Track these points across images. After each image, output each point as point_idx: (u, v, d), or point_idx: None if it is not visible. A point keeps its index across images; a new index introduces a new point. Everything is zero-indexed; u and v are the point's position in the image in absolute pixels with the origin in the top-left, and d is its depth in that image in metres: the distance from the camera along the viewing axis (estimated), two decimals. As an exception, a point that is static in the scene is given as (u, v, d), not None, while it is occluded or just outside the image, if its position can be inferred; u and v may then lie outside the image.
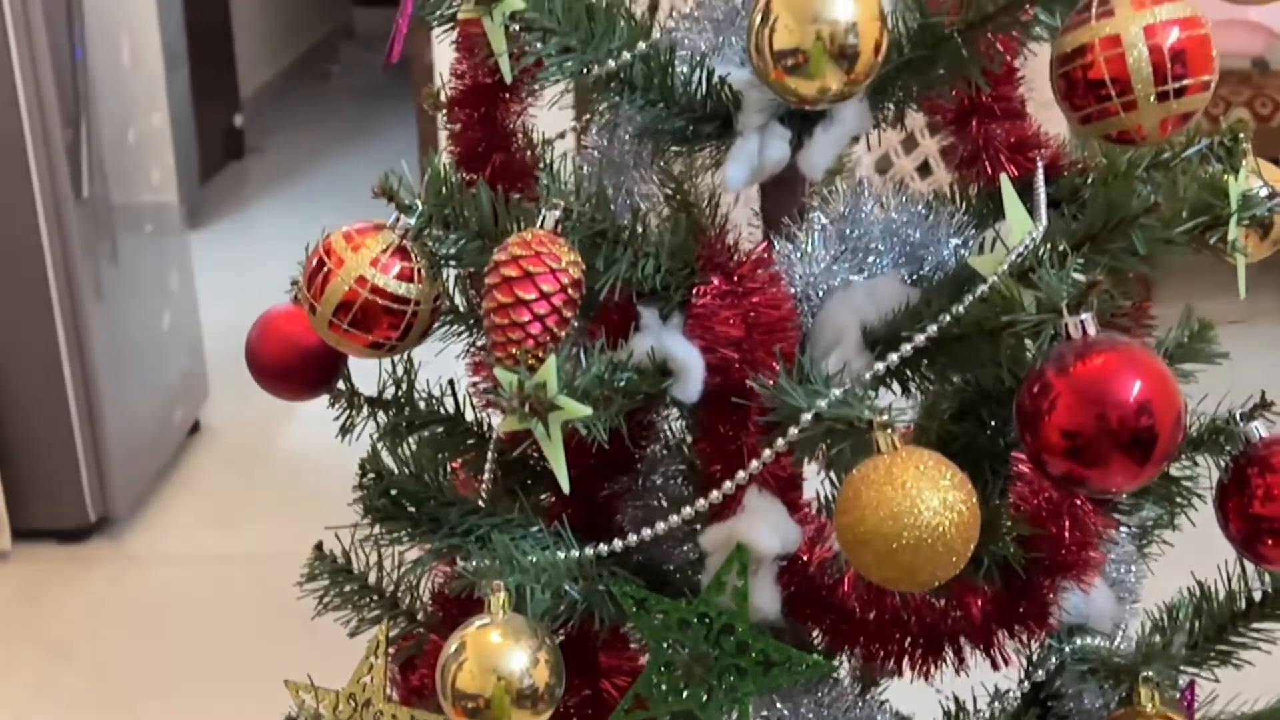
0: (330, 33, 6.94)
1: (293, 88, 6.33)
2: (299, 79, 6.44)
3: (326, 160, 5.40)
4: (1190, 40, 0.88)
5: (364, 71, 6.41)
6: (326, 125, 5.85)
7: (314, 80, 6.51)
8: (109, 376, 3.14)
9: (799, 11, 0.87)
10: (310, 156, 5.46)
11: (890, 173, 2.92)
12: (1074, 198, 1.12)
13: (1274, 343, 3.39)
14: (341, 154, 5.44)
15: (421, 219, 1.01)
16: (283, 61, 6.32)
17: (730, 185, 1.06)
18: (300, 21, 6.61)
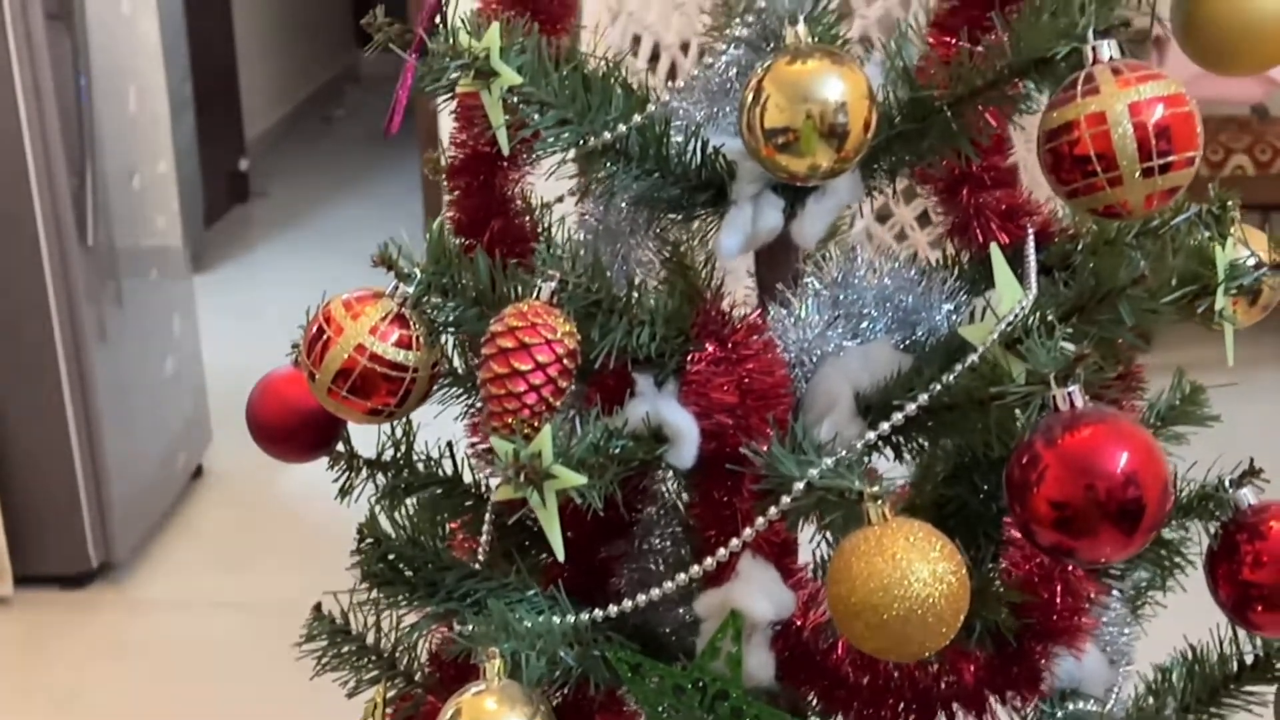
0: (335, 77, 7.00)
1: (297, 131, 6.37)
2: (304, 123, 6.48)
3: (331, 203, 5.43)
4: (1174, 117, 0.90)
5: (368, 115, 6.46)
6: (331, 169, 5.88)
7: (319, 124, 6.56)
8: (112, 421, 3.15)
9: (790, 91, 0.88)
10: (314, 200, 5.50)
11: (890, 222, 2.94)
12: (1065, 264, 1.14)
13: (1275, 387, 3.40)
14: (345, 197, 5.47)
15: (420, 287, 1.03)
16: (288, 105, 6.36)
17: (724, 254, 1.07)
18: (305, 65, 6.66)
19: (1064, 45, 0.92)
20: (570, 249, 1.04)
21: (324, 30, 7.03)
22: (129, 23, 3.28)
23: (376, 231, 4.67)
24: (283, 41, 6.33)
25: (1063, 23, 0.93)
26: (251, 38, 5.73)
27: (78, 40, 2.98)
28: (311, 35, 6.81)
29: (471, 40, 0.97)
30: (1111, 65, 0.92)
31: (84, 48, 3.00)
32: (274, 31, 6.20)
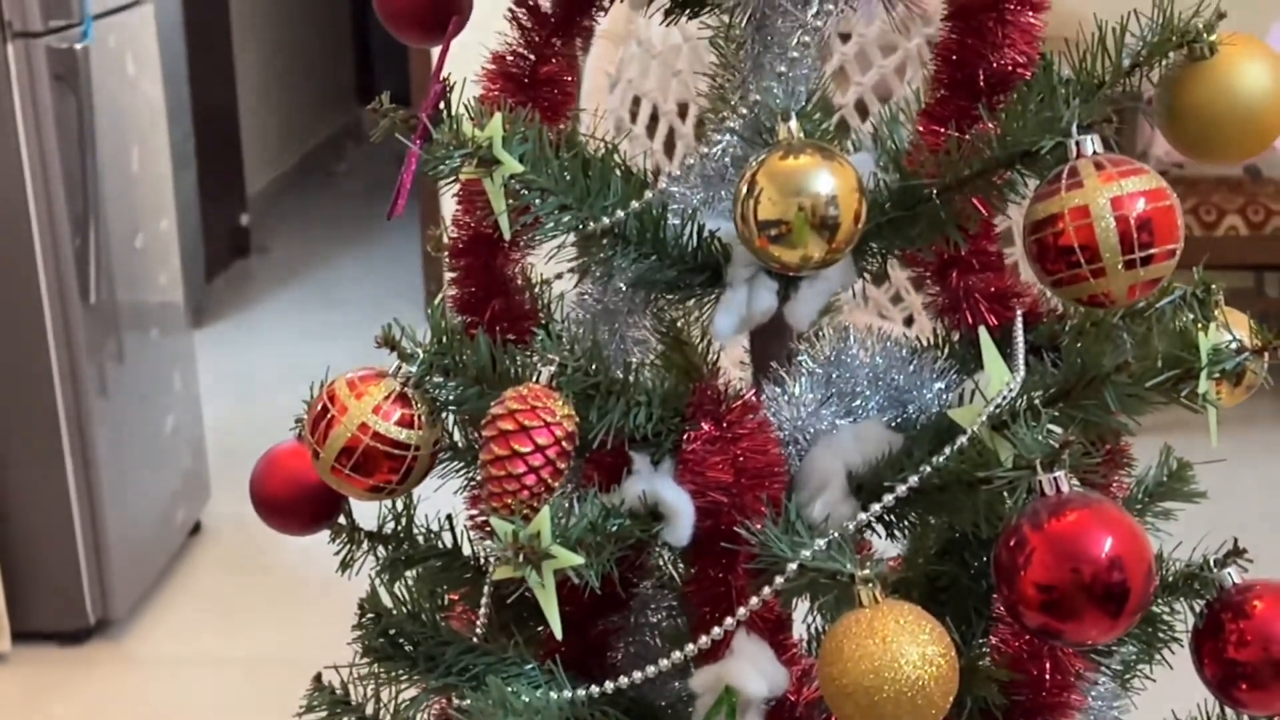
0: (337, 133, 7.05)
1: (299, 187, 6.42)
2: (305, 178, 6.53)
3: (331, 259, 5.47)
4: (1156, 211, 0.93)
5: (370, 171, 6.51)
6: (332, 224, 5.93)
7: (320, 179, 6.61)
8: (111, 477, 3.17)
9: (782, 185, 0.91)
10: (315, 255, 5.53)
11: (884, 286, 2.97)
12: (1053, 344, 1.16)
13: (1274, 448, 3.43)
14: (346, 252, 5.51)
15: (422, 367, 1.05)
16: (289, 161, 6.42)
17: (719, 335, 1.10)
18: (307, 121, 6.72)
19: (1049, 139, 0.95)
20: (569, 332, 1.07)
21: (326, 86, 7.10)
22: (133, 83, 3.32)
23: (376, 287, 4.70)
24: (285, 98, 6.39)
25: (1047, 117, 0.96)
26: (254, 94, 5.79)
27: (83, 101, 3.02)
28: (313, 91, 6.88)
29: (475, 130, 1.00)
30: (1095, 159, 0.95)
31: (89, 108, 3.04)
32: (276, 88, 6.26)
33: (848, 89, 2.61)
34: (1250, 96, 1.05)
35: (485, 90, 1.16)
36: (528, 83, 1.14)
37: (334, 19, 7.30)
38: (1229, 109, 1.05)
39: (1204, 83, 1.05)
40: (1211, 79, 1.05)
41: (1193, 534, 1.18)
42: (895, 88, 2.62)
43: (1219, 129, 1.05)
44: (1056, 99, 0.96)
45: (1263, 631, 1.04)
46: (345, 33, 7.42)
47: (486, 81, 1.16)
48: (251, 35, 5.82)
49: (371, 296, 5.02)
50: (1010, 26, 1.08)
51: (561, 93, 1.15)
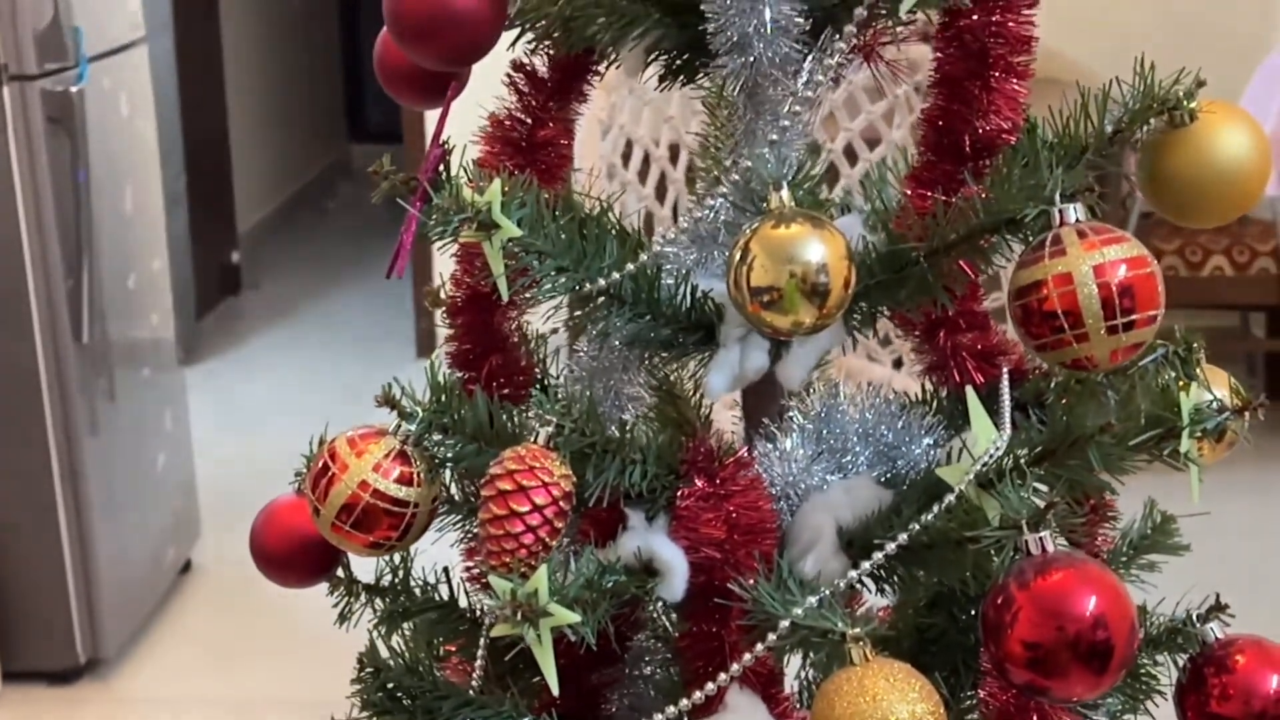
0: (327, 169, 7.08)
1: (290, 223, 6.44)
2: (296, 215, 6.55)
3: (321, 295, 5.49)
4: (1137, 278, 0.96)
5: (360, 207, 6.53)
6: (322, 261, 5.94)
7: (311, 216, 6.63)
8: (102, 516, 3.17)
9: (774, 252, 0.94)
10: (305, 292, 5.55)
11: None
12: (1039, 401, 1.19)
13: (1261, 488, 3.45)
14: (337, 289, 5.53)
15: (421, 425, 1.08)
16: (280, 197, 6.44)
17: (712, 393, 1.12)
18: (298, 158, 6.75)
19: (1032, 207, 0.98)
20: (566, 390, 1.09)
21: (317, 123, 7.13)
22: (127, 123, 3.35)
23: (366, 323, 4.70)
24: (276, 135, 6.42)
25: (1031, 185, 0.99)
26: (246, 132, 5.82)
27: (77, 143, 3.04)
28: (305, 128, 6.91)
29: (474, 194, 1.02)
30: (1077, 227, 0.98)
31: (83, 150, 3.06)
32: (268, 125, 6.29)
33: (836, 134, 2.65)
34: (1230, 162, 1.08)
35: (484, 153, 1.18)
36: (525, 146, 1.17)
37: (325, 56, 7.34)
38: (1209, 174, 1.08)
39: (1184, 149, 1.08)
40: (1192, 145, 1.08)
41: (1177, 569, 1.20)
42: (883, 133, 2.65)
43: (1199, 194, 1.08)
44: (1040, 167, 0.99)
45: (1244, 686, 1.06)
46: (336, 70, 7.46)
47: (485, 145, 1.18)
48: (243, 73, 5.85)
49: (362, 333, 5.04)
50: (995, 93, 1.10)
51: (558, 156, 1.18)
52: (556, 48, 1.15)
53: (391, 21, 0.99)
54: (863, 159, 2.67)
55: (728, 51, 1.05)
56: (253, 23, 6.06)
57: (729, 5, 1.04)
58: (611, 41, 1.10)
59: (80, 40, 3.02)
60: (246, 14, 5.92)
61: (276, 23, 6.50)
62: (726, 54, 1.05)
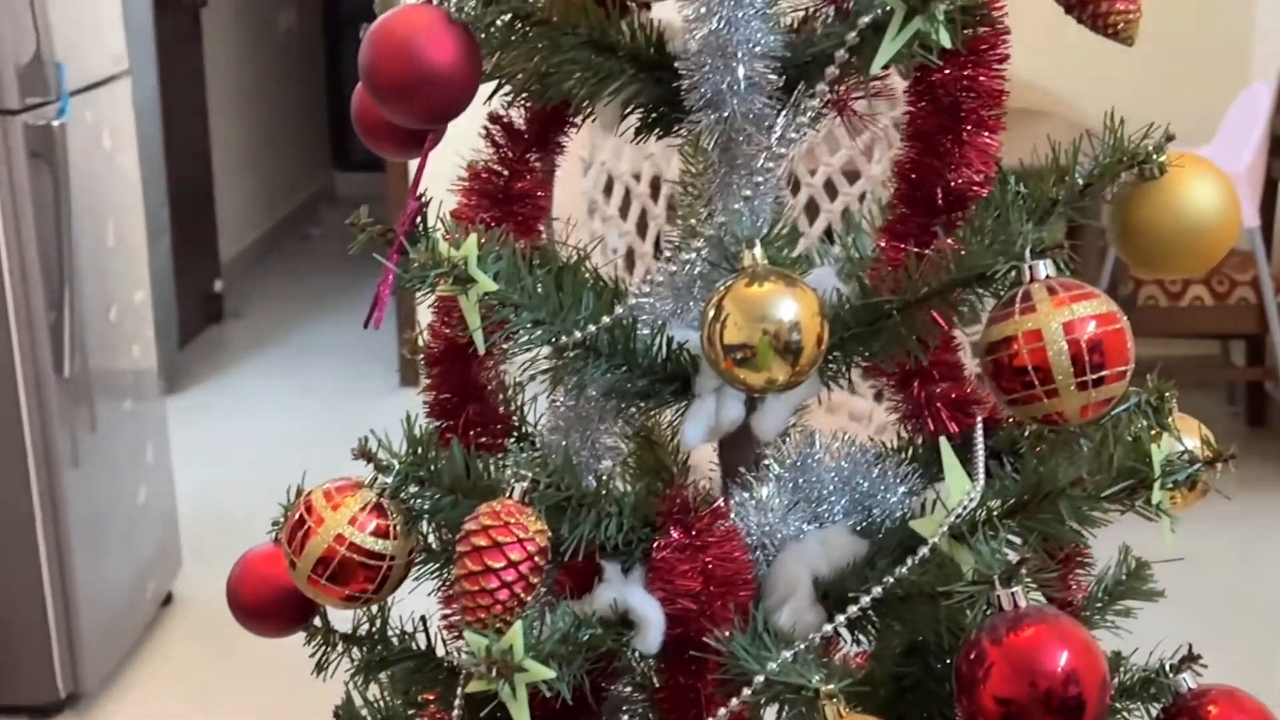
0: (311, 197, 7.08)
1: (273, 251, 6.44)
2: (279, 242, 6.55)
3: (304, 323, 5.48)
4: (1106, 334, 0.97)
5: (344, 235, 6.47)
6: (306, 288, 5.94)
7: (294, 243, 6.63)
8: (83, 548, 3.16)
9: (748, 310, 0.95)
10: (289, 320, 5.55)
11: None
12: (1013, 449, 1.20)
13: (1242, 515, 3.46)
14: (320, 317, 5.53)
15: (398, 478, 1.08)
16: (264, 226, 6.44)
17: (688, 444, 1.13)
18: (282, 186, 6.75)
19: (1003, 264, 0.99)
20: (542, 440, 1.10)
21: (301, 151, 7.12)
22: (109, 157, 3.35)
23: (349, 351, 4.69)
24: (259, 163, 6.42)
25: (1002, 242, 1.00)
26: (229, 161, 5.82)
27: (59, 177, 3.04)
28: (288, 156, 6.91)
29: (450, 248, 1.03)
30: (1047, 284, 0.99)
31: (65, 184, 3.06)
32: (251, 154, 6.29)
33: (816, 169, 2.66)
34: (1199, 215, 1.09)
35: (460, 205, 1.19)
36: (502, 198, 1.18)
37: (310, 84, 7.35)
38: (1178, 227, 1.09)
39: (1154, 202, 1.09)
40: (1161, 198, 1.09)
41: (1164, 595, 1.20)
42: (863, 167, 2.66)
43: (1169, 246, 1.10)
44: (1010, 225, 1.00)
45: (1217, 736, 1.07)
46: (321, 98, 7.47)
47: (462, 196, 1.19)
48: (227, 102, 5.86)
49: (345, 361, 5.03)
50: (967, 147, 1.12)
51: (535, 207, 1.19)
52: (533, 100, 1.16)
53: (367, 80, 1.00)
54: (842, 194, 2.68)
55: (701, 107, 1.06)
56: (237, 51, 6.07)
57: (702, 62, 1.05)
58: (587, 96, 1.11)
59: (62, 75, 3.02)
60: (230, 43, 5.93)
61: (261, 51, 6.51)
62: (700, 110, 1.06)
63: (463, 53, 0.99)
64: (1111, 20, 1.01)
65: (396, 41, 0.98)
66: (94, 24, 3.27)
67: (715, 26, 1.03)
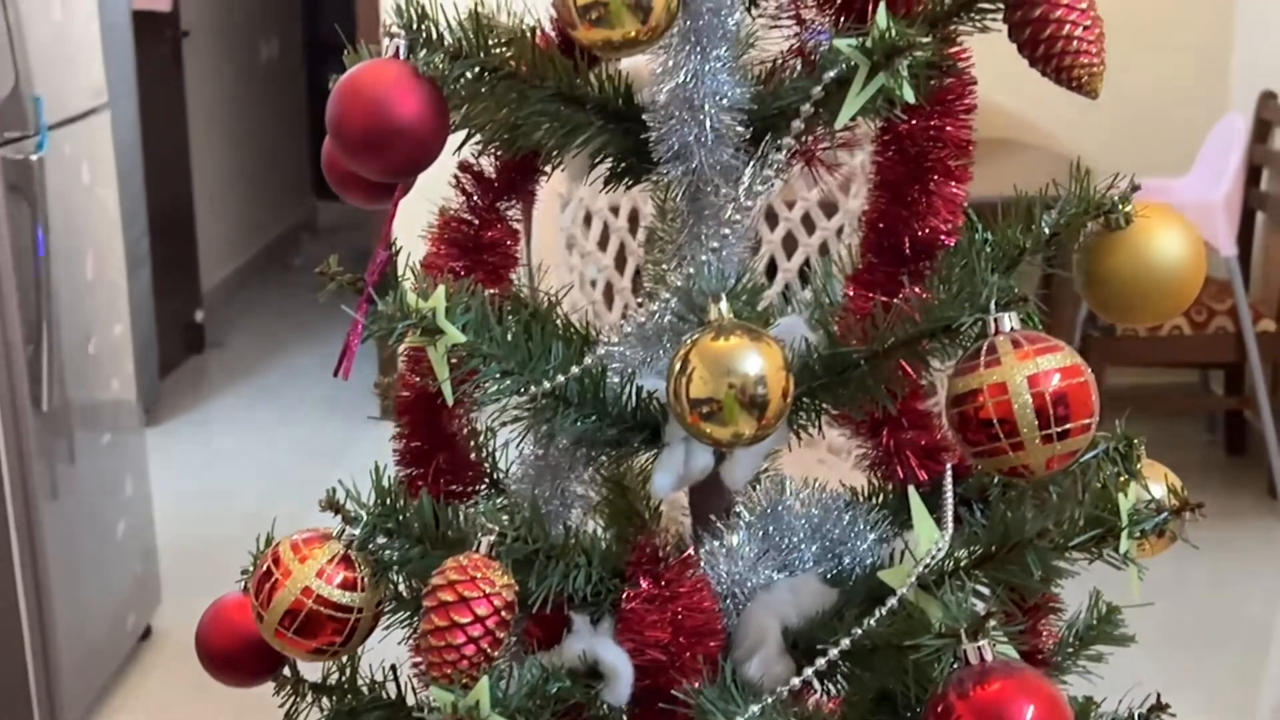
0: (292, 226, 7.07)
1: (254, 281, 6.43)
2: (261, 272, 6.54)
3: (285, 353, 5.47)
4: (1071, 387, 0.97)
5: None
6: (287, 318, 5.93)
7: (275, 273, 6.62)
8: (61, 581, 3.14)
9: (713, 365, 0.95)
10: (269, 349, 5.54)
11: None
12: (982, 496, 1.20)
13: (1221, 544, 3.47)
14: (301, 346, 5.52)
15: (366, 529, 1.08)
16: (245, 255, 6.43)
17: (658, 493, 1.13)
18: (263, 216, 6.74)
19: (968, 316, 0.99)
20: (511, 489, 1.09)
21: (282, 181, 7.12)
22: (88, 190, 3.34)
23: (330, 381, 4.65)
24: (240, 193, 6.42)
25: (967, 294, 1.00)
26: (210, 190, 5.82)
27: (37, 210, 3.03)
28: (270, 186, 6.91)
29: (419, 300, 1.03)
30: (1012, 337, 0.99)
31: (43, 217, 3.05)
32: (232, 183, 6.29)
33: (794, 203, 2.67)
34: (1164, 264, 1.10)
35: (430, 254, 1.19)
36: (472, 247, 1.18)
37: (291, 113, 7.35)
38: (1144, 276, 1.10)
39: (1120, 251, 1.10)
40: (1127, 248, 1.10)
41: (1142, 625, 1.20)
42: (840, 201, 2.67)
43: (1135, 295, 1.10)
44: (975, 278, 1.00)
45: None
46: (302, 127, 7.47)
47: (431, 245, 1.19)
48: (208, 131, 5.86)
49: (326, 390, 5.01)
50: (934, 197, 1.12)
51: (505, 256, 1.19)
52: (503, 150, 1.16)
53: (334, 135, 1.00)
54: (820, 228, 2.69)
55: (669, 159, 1.06)
56: (218, 81, 6.07)
57: (670, 114, 1.05)
58: (557, 146, 1.11)
59: (40, 109, 3.02)
60: (212, 72, 5.93)
61: (242, 80, 6.51)
62: (668, 161, 1.07)
63: (429, 108, 0.99)
64: (1075, 74, 1.01)
65: (363, 96, 0.99)
66: (74, 57, 3.28)
67: (682, 80, 1.03)
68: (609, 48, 0.95)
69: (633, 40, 0.94)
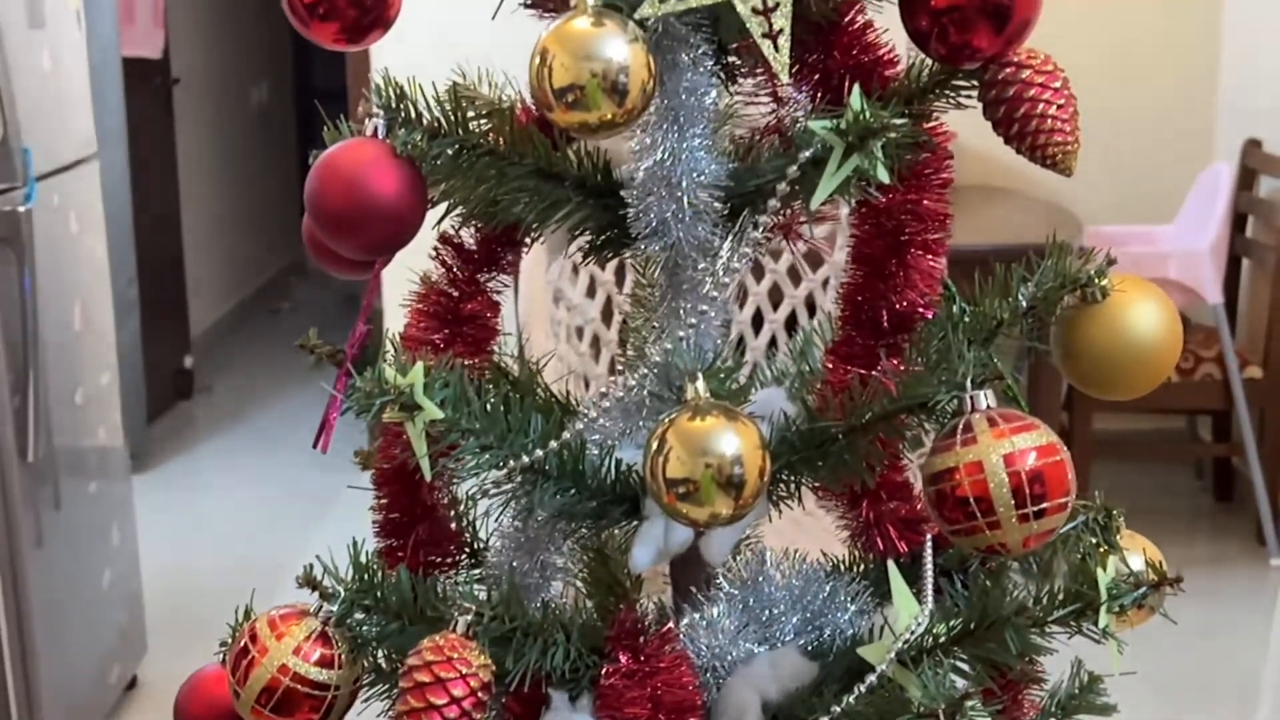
0: (282, 270, 7.08)
1: (243, 325, 6.43)
2: (249, 317, 6.54)
3: (274, 398, 5.47)
4: (1047, 466, 0.97)
5: (314, 308, 6.53)
6: (276, 362, 5.93)
7: (265, 317, 6.62)
8: (45, 630, 3.12)
9: (690, 445, 0.95)
10: (258, 395, 5.53)
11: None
12: (962, 567, 1.20)
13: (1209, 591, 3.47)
14: (289, 391, 5.51)
15: (343, 606, 1.07)
16: (234, 300, 6.43)
17: (637, 567, 1.13)
18: (252, 260, 6.75)
19: (945, 394, 1.00)
20: (489, 571, 1.09)
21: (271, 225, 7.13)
22: (76, 240, 3.35)
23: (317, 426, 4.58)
24: (230, 237, 6.42)
25: (944, 372, 1.01)
26: (199, 235, 5.82)
27: (24, 261, 3.03)
28: (259, 229, 6.91)
29: (397, 376, 1.03)
30: (988, 415, 0.99)
31: (31, 268, 3.05)
32: (222, 227, 6.29)
33: (780, 257, 2.68)
34: (1141, 339, 1.10)
35: (410, 327, 1.19)
36: (452, 319, 1.18)
37: (280, 159, 7.37)
38: (1121, 350, 1.10)
39: (1097, 325, 1.10)
40: (1104, 322, 1.10)
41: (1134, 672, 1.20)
42: (826, 255, 2.68)
43: (1112, 369, 1.11)
44: (951, 355, 1.00)
45: None
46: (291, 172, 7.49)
47: (411, 318, 1.19)
48: (198, 177, 5.87)
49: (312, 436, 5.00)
50: (912, 271, 1.13)
51: (485, 328, 1.19)
52: (482, 224, 1.16)
53: (313, 213, 1.01)
54: (806, 279, 2.70)
55: (648, 235, 1.07)
56: (209, 126, 6.09)
57: (648, 191, 1.05)
58: (537, 220, 1.12)
59: (29, 161, 3.02)
60: (202, 118, 5.95)
61: (233, 126, 6.53)
62: (647, 237, 1.07)
63: (407, 187, 1.00)
64: (1050, 152, 1.02)
65: (340, 176, 0.99)
66: (63, 107, 3.29)
67: (660, 158, 1.04)
68: (586, 130, 0.95)
69: (610, 123, 0.94)
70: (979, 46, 1.00)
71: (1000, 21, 0.99)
